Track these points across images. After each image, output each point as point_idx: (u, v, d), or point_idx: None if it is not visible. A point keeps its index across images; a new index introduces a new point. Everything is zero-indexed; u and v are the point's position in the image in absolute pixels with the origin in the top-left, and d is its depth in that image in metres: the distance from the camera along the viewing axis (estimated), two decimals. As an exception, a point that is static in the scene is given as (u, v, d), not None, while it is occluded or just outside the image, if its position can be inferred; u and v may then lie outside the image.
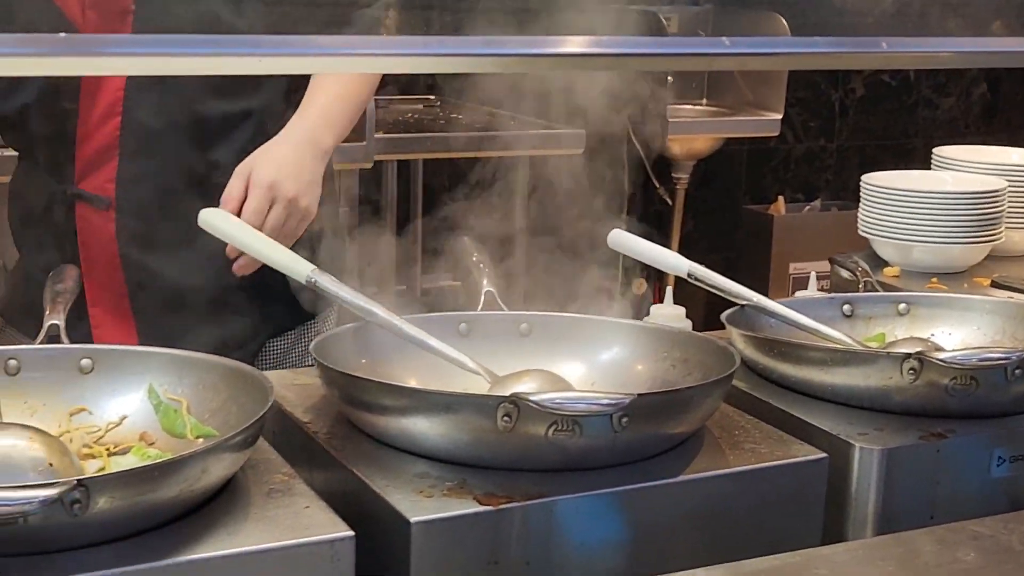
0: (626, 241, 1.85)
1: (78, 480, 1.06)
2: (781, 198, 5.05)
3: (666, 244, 4.82)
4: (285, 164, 1.75)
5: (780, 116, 4.53)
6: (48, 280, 1.60)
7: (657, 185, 4.73)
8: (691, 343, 1.58)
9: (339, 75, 1.85)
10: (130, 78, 1.76)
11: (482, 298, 1.67)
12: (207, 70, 1.02)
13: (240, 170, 1.74)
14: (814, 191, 5.26)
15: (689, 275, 1.76)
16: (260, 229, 1.66)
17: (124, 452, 1.36)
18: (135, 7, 1.76)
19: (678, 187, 4.70)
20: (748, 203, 5.15)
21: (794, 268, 4.67)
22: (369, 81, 1.94)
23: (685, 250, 5.51)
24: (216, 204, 1.70)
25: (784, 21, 4.33)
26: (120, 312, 1.86)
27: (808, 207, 5.09)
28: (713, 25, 4.73)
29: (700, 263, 1.75)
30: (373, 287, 2.18)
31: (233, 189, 1.72)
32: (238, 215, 1.68)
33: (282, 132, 1.80)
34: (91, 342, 1.81)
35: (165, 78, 1.74)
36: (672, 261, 1.79)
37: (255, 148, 1.78)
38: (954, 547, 1.22)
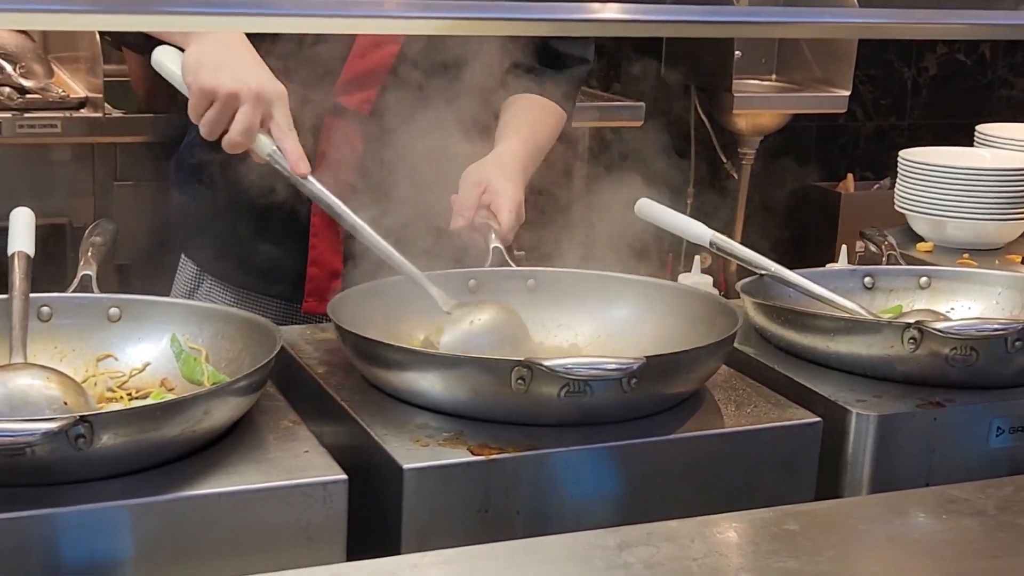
0: (652, 210, 1.88)
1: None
2: (850, 175, 5.01)
3: (731, 219, 4.84)
4: (517, 191, 1.82)
5: (848, 93, 4.50)
6: (86, 233, 1.67)
7: (724, 159, 4.73)
8: (695, 300, 1.62)
9: (531, 108, 1.96)
10: None
11: (490, 254, 1.71)
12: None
13: (475, 179, 1.81)
14: (884, 169, 5.21)
15: (711, 244, 1.79)
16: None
17: (144, 397, 1.43)
18: None
19: (744, 162, 4.69)
20: (816, 180, 5.12)
21: (841, 251, 4.65)
22: (557, 122, 2.01)
23: (751, 226, 5.51)
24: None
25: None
26: (336, 226, 1.90)
27: (877, 185, 5.04)
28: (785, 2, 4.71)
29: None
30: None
31: (468, 198, 1.79)
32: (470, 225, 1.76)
33: (499, 155, 1.87)
34: (306, 251, 1.92)
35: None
36: (695, 230, 1.82)
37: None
38: (927, 510, 1.24)
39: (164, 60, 1.70)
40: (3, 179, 3.17)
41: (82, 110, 3.23)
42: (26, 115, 3.12)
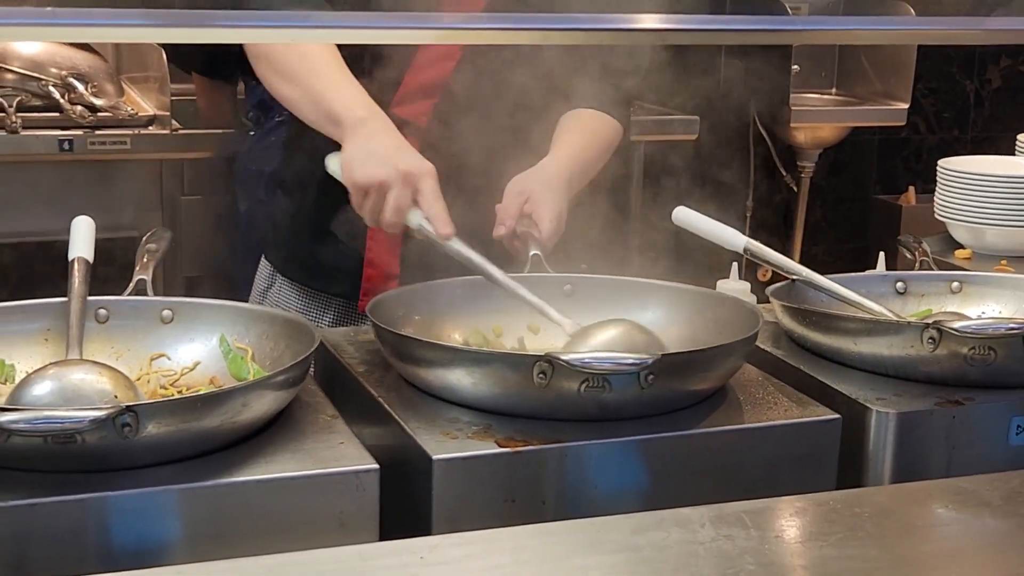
0: (689, 217, 1.93)
1: (127, 406, 1.21)
2: (912, 188, 5.02)
3: (791, 232, 4.86)
4: (560, 201, 1.88)
5: (907, 106, 4.52)
6: (143, 240, 1.76)
7: (783, 173, 4.76)
8: (722, 304, 1.67)
9: (584, 124, 2.02)
10: None
11: (529, 261, 1.77)
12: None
13: (519, 189, 1.87)
14: (947, 181, 5.21)
15: (745, 250, 1.84)
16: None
17: (195, 393, 1.51)
18: None
19: (803, 175, 4.72)
20: (879, 193, 5.13)
21: (880, 257, 4.65)
22: (612, 135, 2.07)
23: (813, 239, 5.51)
24: (509, 163, 1.90)
25: (911, 9, 4.32)
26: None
27: (939, 198, 5.04)
28: (842, 11, 4.73)
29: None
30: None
31: (511, 207, 1.86)
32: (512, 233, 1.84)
33: (544, 167, 1.93)
34: (363, 253, 2.01)
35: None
36: (730, 237, 1.87)
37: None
38: (933, 500, 1.29)
39: (333, 166, 1.81)
40: (75, 194, 3.30)
41: (150, 127, 3.34)
42: (97, 132, 3.23)
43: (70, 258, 1.63)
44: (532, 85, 1.92)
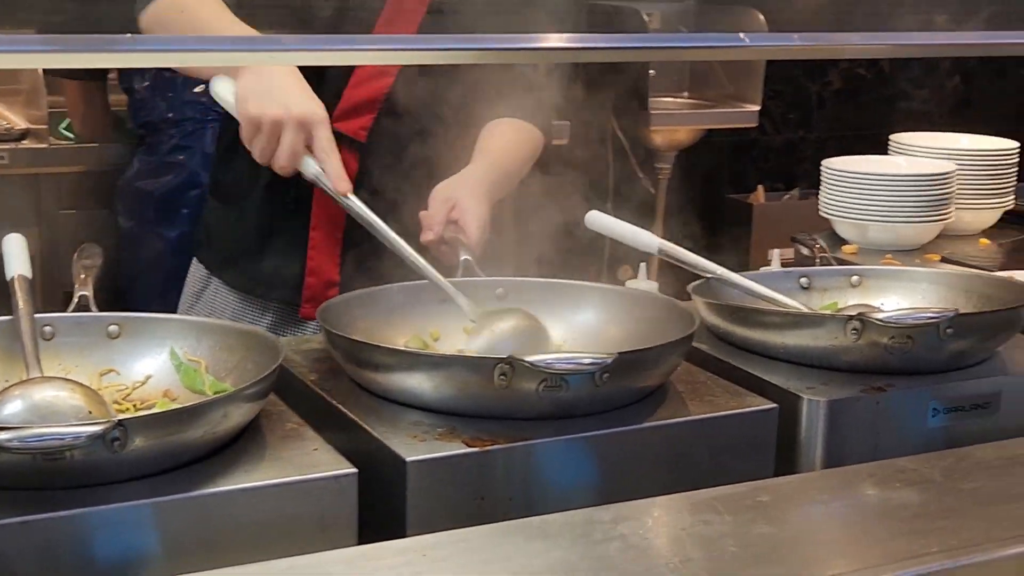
0: (602, 221, 2.00)
1: (119, 420, 1.22)
2: (761, 187, 5.18)
3: (649, 232, 4.98)
4: (484, 207, 1.93)
5: (758, 108, 4.68)
6: (76, 256, 1.75)
7: (640, 175, 4.88)
8: (654, 305, 1.74)
9: (505, 133, 2.08)
10: None
11: (460, 266, 1.82)
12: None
13: (444, 196, 1.91)
14: (793, 180, 5.41)
15: (659, 251, 1.91)
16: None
17: (149, 407, 1.51)
18: None
19: (660, 177, 4.85)
20: (729, 192, 5.29)
21: (772, 255, 4.80)
22: (533, 143, 2.14)
23: (668, 238, 5.61)
24: (444, 174, 1.95)
25: (761, 17, 4.48)
26: (333, 240, 2.06)
27: (787, 196, 5.23)
28: (694, 21, 4.88)
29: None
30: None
31: (438, 214, 1.90)
32: (439, 239, 1.88)
33: (466, 175, 1.98)
34: (304, 260, 2.05)
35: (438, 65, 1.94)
36: (644, 239, 1.94)
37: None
38: (882, 479, 1.38)
39: (220, 90, 1.81)
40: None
41: (24, 141, 3.28)
42: (-28, 148, 3.17)
43: (8, 276, 1.61)
44: (467, 98, 1.97)
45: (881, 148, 5.07)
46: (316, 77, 1.95)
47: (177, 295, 2.45)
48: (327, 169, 1.76)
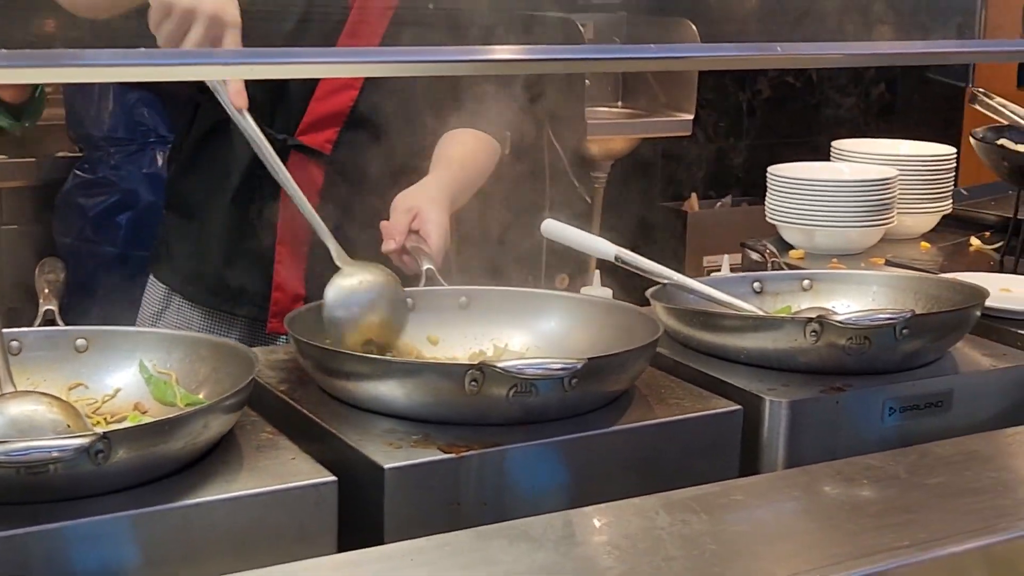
0: (557, 229, 2.02)
1: (103, 433, 1.22)
2: (694, 195, 5.25)
3: (587, 241, 5.01)
4: (445, 217, 1.94)
5: (691, 117, 4.73)
6: (37, 271, 1.74)
7: (576, 184, 4.92)
8: (617, 312, 1.76)
9: (464, 142, 2.12)
10: None
11: (423, 276, 1.84)
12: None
13: (405, 206, 1.92)
14: (725, 188, 5.48)
15: (616, 258, 1.93)
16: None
17: (120, 420, 1.51)
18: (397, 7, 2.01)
19: (597, 186, 4.88)
20: (664, 200, 5.35)
21: (707, 261, 4.87)
22: (489, 152, 2.18)
23: (606, 246, 5.56)
24: (407, 181, 1.97)
25: (694, 27, 4.54)
26: (299, 254, 2.07)
27: (720, 203, 5.29)
28: (627, 31, 4.92)
29: None
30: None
31: (400, 224, 1.90)
32: (401, 249, 1.89)
33: (427, 185, 2.00)
34: (271, 274, 2.06)
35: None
36: (600, 247, 1.96)
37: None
38: (851, 476, 1.41)
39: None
40: None
41: (-43, 156, 3.24)
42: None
43: (-29, 292, 1.61)
44: (428, 110, 1.99)
45: (810, 154, 5.14)
46: (280, 90, 1.96)
47: (118, 311, 2.44)
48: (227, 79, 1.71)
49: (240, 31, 1.73)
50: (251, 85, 1.88)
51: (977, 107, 2.57)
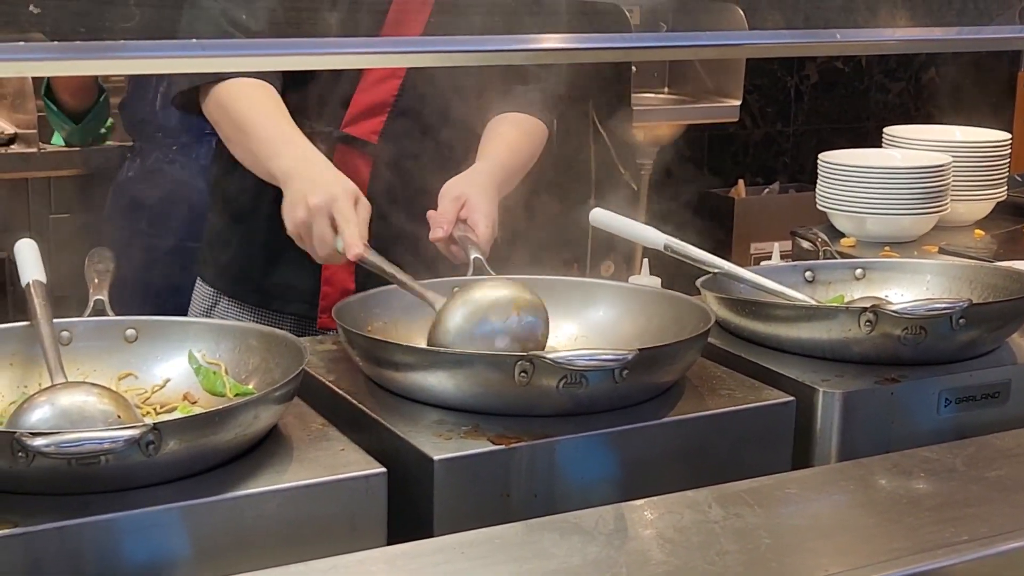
0: (606, 218, 2.01)
1: (154, 424, 1.22)
2: (741, 181, 5.20)
3: (634, 228, 4.99)
4: (493, 206, 1.93)
5: (739, 103, 4.69)
6: (87, 261, 1.74)
7: (622, 171, 4.89)
8: (668, 302, 1.74)
9: (511, 127, 2.10)
10: None
11: (471, 265, 1.83)
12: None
13: (454, 195, 1.91)
14: (772, 174, 5.43)
15: (665, 247, 1.92)
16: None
17: (170, 410, 1.51)
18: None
19: (643, 172, 4.86)
20: (710, 187, 5.31)
21: (755, 248, 4.83)
22: (537, 137, 2.15)
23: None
24: (452, 169, 1.96)
25: (741, 12, 4.49)
26: None
27: (767, 189, 5.25)
28: (673, 16, 4.89)
29: None
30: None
31: (448, 213, 1.89)
32: (449, 238, 1.88)
33: (475, 172, 1.99)
34: (319, 271, 2.06)
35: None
36: (650, 235, 1.95)
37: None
38: (907, 469, 1.39)
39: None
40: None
41: (13, 146, 3.26)
42: (-41, 152, 3.16)
43: (24, 282, 1.61)
44: (474, 96, 1.98)
45: (858, 140, 5.11)
46: (326, 82, 1.95)
47: (169, 301, 2.45)
48: (344, 239, 1.75)
49: (349, 196, 1.79)
50: (296, 77, 1.89)
51: (1033, 92, 2.52)
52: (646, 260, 2.29)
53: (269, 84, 1.93)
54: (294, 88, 1.94)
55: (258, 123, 1.93)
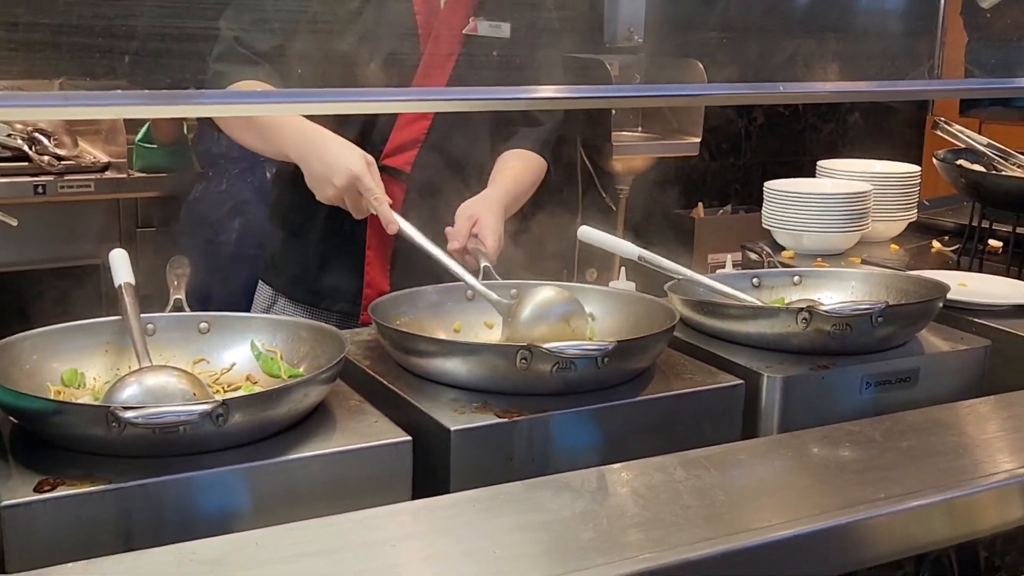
0: (591, 234, 2.00)
1: (222, 400, 1.22)
2: (700, 204, 5.20)
3: (612, 242, 4.98)
4: (499, 224, 1.95)
5: (699, 140, 4.68)
6: (168, 267, 1.74)
7: (604, 195, 4.89)
8: (641, 303, 1.74)
9: (517, 161, 2.12)
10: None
11: (480, 271, 1.82)
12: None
13: (467, 214, 1.93)
14: (726, 198, 5.43)
15: (639, 258, 1.91)
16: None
17: (235, 389, 1.50)
18: (460, 53, 2.01)
19: (621, 196, 4.85)
20: (675, 208, 5.30)
21: (711, 259, 4.82)
22: (537, 169, 2.17)
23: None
24: (468, 193, 1.99)
25: (701, 67, 4.48)
26: (384, 258, 2.07)
27: (721, 211, 5.24)
28: (646, 69, 4.88)
29: None
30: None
31: (462, 229, 1.91)
32: (463, 249, 1.89)
33: (486, 196, 2.00)
34: (362, 275, 2.07)
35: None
36: (627, 248, 1.94)
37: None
38: (835, 440, 1.39)
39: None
40: (49, 229, 3.19)
41: (107, 172, 3.26)
42: (66, 178, 3.15)
43: (116, 284, 1.61)
44: (486, 134, 1.98)
45: (797, 171, 5.08)
46: (368, 122, 1.96)
47: (233, 299, 2.44)
48: (381, 216, 1.80)
49: (367, 174, 1.82)
50: (346, 119, 1.89)
51: (939, 133, 2.53)
52: (623, 268, 2.28)
53: (267, 85, 1.92)
54: (344, 127, 1.94)
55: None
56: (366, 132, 2.01)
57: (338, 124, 1.97)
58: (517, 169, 2.08)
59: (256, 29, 1.91)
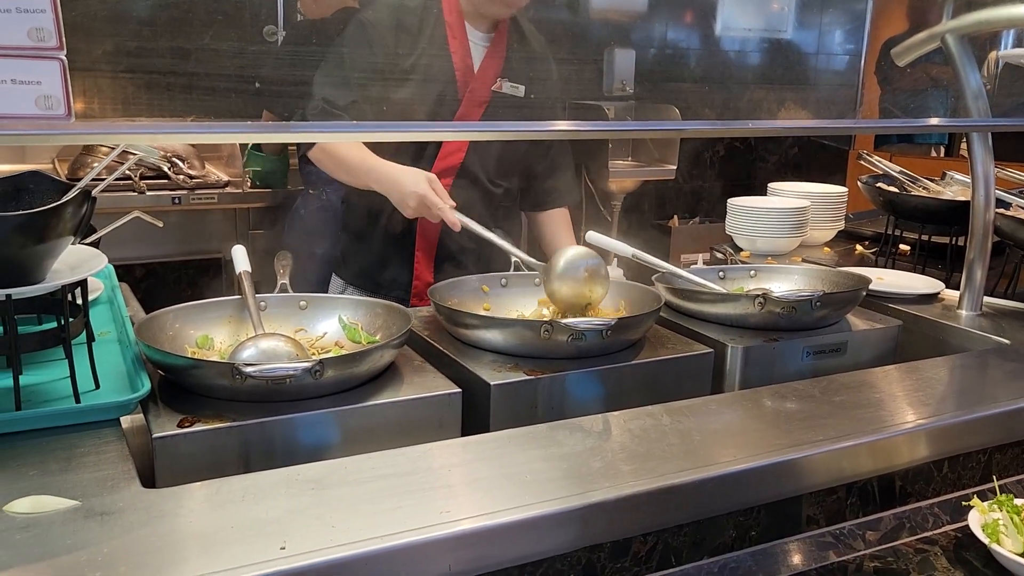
0: (597, 237, 1.99)
1: (319, 359, 1.22)
2: (676, 216, 5.17)
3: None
4: None
5: (675, 167, 4.65)
6: (276, 259, 1.74)
7: (602, 208, 4.86)
8: (634, 289, 1.73)
9: (565, 235, 2.16)
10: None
11: (512, 264, 1.82)
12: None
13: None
14: (696, 211, 5.40)
15: (633, 256, 1.90)
16: None
17: (327, 352, 1.49)
18: (489, 103, 2.00)
19: (615, 209, 4.82)
20: (656, 219, 5.28)
21: (684, 258, 4.80)
22: (569, 214, 2.22)
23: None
24: (496, 210, 2.03)
25: (677, 110, 4.45)
26: (429, 255, 2.07)
27: (692, 222, 5.21)
28: (635, 112, 4.85)
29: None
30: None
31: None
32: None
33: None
34: (412, 270, 2.08)
35: (491, 145, 2.01)
36: (623, 248, 1.92)
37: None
38: (783, 395, 1.38)
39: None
40: (185, 230, 3.20)
41: (227, 187, 3.26)
42: (196, 192, 3.15)
43: (237, 272, 1.61)
44: (510, 164, 1.96)
45: (752, 191, 5.03)
46: (420, 151, 1.95)
47: (321, 285, 2.44)
48: (445, 219, 1.83)
49: (430, 190, 1.85)
50: (401, 148, 1.89)
51: (862, 162, 2.49)
52: (615, 260, 2.27)
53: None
54: (398, 156, 1.93)
55: (350, 155, 1.96)
56: (415, 162, 2.00)
57: (395, 154, 1.97)
58: (567, 240, 2.14)
59: (337, 89, 1.91)
